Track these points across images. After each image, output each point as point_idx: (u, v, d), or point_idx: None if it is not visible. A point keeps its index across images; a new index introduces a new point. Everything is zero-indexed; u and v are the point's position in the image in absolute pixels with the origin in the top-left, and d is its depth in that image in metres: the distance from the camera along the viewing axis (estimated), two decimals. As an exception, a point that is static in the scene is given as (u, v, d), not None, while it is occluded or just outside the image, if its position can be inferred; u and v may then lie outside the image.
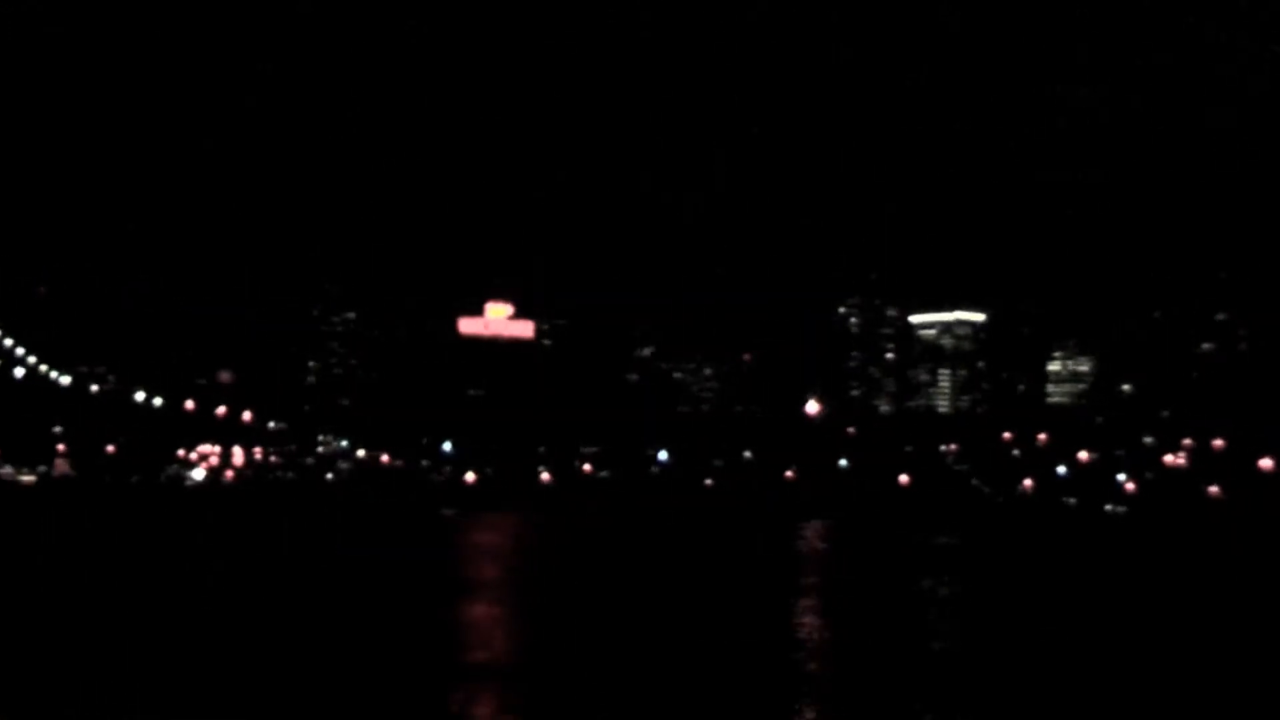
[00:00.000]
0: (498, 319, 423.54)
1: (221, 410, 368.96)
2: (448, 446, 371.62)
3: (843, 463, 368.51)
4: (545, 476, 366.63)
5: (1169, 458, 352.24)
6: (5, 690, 52.90)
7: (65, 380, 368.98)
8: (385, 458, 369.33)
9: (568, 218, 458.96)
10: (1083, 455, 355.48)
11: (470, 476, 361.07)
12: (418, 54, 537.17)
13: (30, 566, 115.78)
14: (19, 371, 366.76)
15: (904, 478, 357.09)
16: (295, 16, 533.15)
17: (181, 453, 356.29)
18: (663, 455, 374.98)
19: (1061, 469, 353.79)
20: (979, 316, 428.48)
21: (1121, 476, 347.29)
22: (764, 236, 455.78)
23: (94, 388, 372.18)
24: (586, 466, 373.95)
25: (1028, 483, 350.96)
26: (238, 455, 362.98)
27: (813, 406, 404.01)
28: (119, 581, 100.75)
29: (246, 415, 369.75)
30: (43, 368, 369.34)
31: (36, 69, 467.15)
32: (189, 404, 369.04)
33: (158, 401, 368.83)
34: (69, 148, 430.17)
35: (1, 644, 65.91)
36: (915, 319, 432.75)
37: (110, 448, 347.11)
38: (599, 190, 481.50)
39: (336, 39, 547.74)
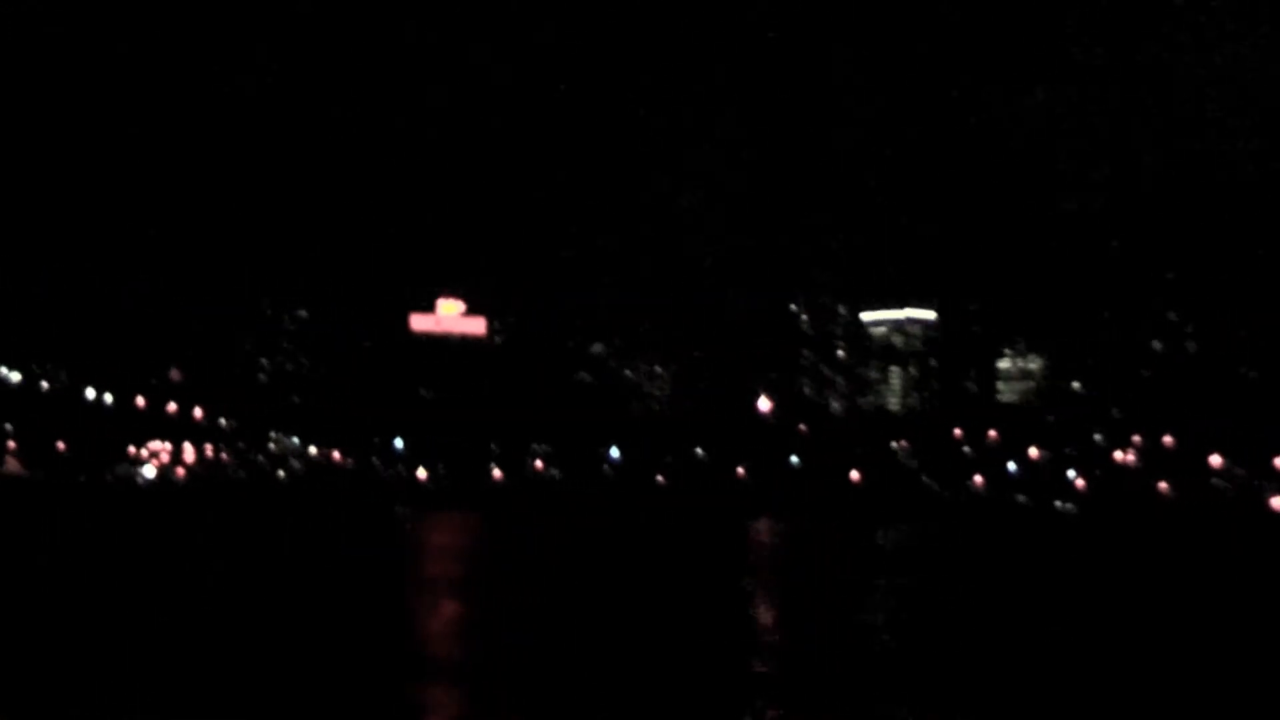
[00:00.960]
0: (449, 316, 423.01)
1: (172, 407, 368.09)
2: (399, 444, 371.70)
3: (794, 460, 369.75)
4: (497, 474, 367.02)
5: (1119, 455, 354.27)
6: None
7: (15, 377, 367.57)
8: (337, 455, 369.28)
9: (520, 215, 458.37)
10: (1033, 453, 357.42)
11: (422, 474, 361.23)
12: (367, 49, 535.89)
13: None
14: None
15: (855, 475, 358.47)
16: (244, 9, 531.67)
17: (132, 450, 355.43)
18: (614, 453, 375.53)
19: (1012, 466, 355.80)
20: (930, 315, 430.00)
21: (1072, 474, 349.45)
22: (716, 234, 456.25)
23: (44, 385, 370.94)
24: (538, 464, 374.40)
25: (978, 480, 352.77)
26: (189, 453, 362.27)
27: (764, 405, 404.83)
28: (80, 581, 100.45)
29: (197, 412, 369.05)
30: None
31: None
32: (140, 401, 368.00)
33: (109, 398, 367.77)
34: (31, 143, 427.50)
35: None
36: (866, 317, 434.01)
37: (61, 445, 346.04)
38: (552, 187, 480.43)
39: (286, 35, 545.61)
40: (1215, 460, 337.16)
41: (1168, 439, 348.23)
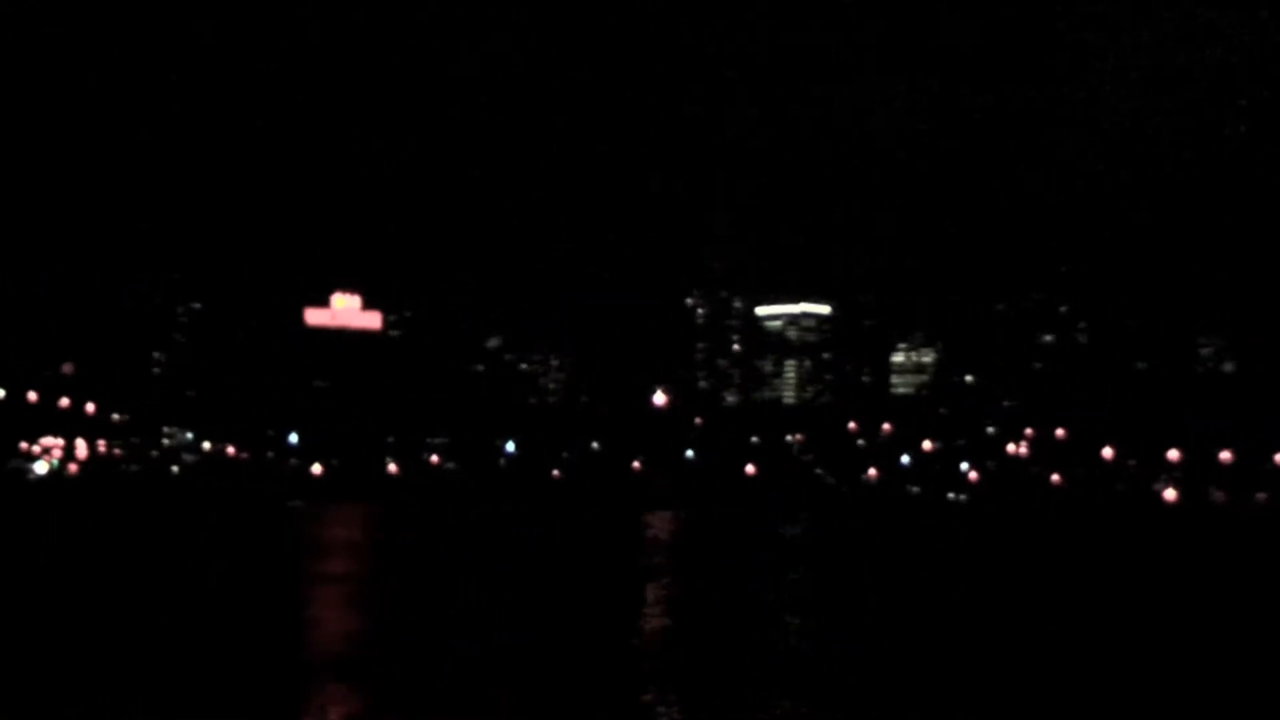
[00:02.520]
0: (345, 309, 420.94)
1: (65, 402, 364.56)
2: (294, 438, 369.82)
3: (689, 453, 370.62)
4: (392, 468, 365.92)
5: (1011, 447, 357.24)
6: None
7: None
8: (231, 450, 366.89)
9: (416, 208, 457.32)
10: (926, 445, 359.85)
11: (317, 468, 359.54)
12: (267, 39, 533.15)
13: None
14: None
15: (750, 468, 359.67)
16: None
17: (24, 446, 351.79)
18: (510, 447, 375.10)
19: (905, 458, 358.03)
20: (824, 308, 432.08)
21: (964, 465, 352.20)
22: (610, 228, 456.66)
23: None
24: (434, 458, 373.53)
25: (872, 472, 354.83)
26: (81, 448, 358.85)
27: (659, 398, 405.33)
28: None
29: (90, 407, 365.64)
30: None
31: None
32: (32, 396, 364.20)
33: (0, 393, 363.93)
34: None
35: None
36: (761, 311, 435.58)
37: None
38: (448, 181, 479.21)
39: (187, 31, 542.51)
40: (1107, 452, 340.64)
41: (1060, 431, 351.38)
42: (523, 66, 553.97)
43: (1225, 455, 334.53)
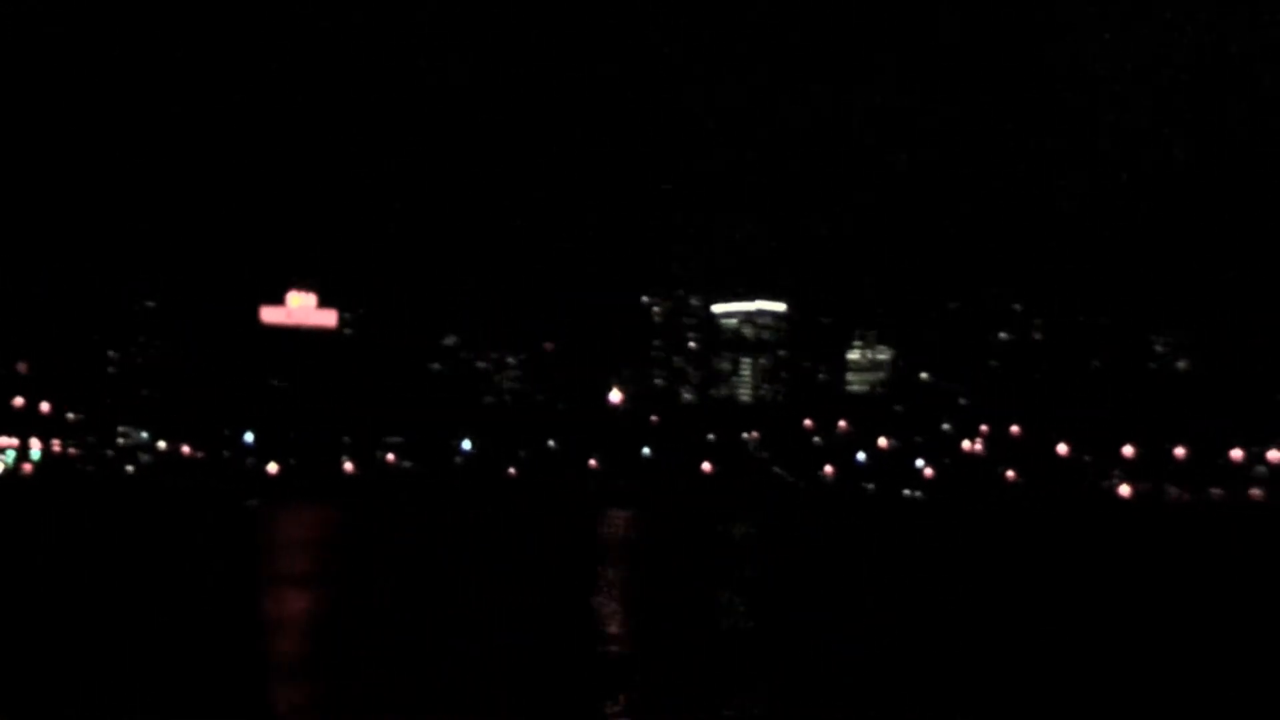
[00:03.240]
0: (300, 307, 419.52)
1: (19, 401, 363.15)
2: (250, 437, 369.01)
3: (646, 451, 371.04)
4: (349, 466, 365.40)
5: (966, 444, 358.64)
6: None
7: None
8: (186, 449, 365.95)
9: (372, 206, 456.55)
10: (882, 442, 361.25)
11: (273, 467, 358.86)
12: (220, 37, 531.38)
13: None
14: None
15: (707, 466, 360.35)
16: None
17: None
18: (466, 445, 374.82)
19: (861, 456, 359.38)
20: (780, 306, 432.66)
21: (920, 463, 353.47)
22: (568, 227, 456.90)
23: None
24: (390, 456, 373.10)
25: (828, 469, 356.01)
26: (36, 447, 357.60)
27: (616, 396, 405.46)
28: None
29: (44, 406, 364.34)
30: None
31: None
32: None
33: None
34: None
35: None
36: (717, 309, 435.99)
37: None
38: (404, 179, 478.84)
39: (139, 29, 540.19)
40: (1062, 449, 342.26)
41: (1015, 428, 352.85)
42: (476, 65, 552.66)
43: (1179, 451, 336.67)
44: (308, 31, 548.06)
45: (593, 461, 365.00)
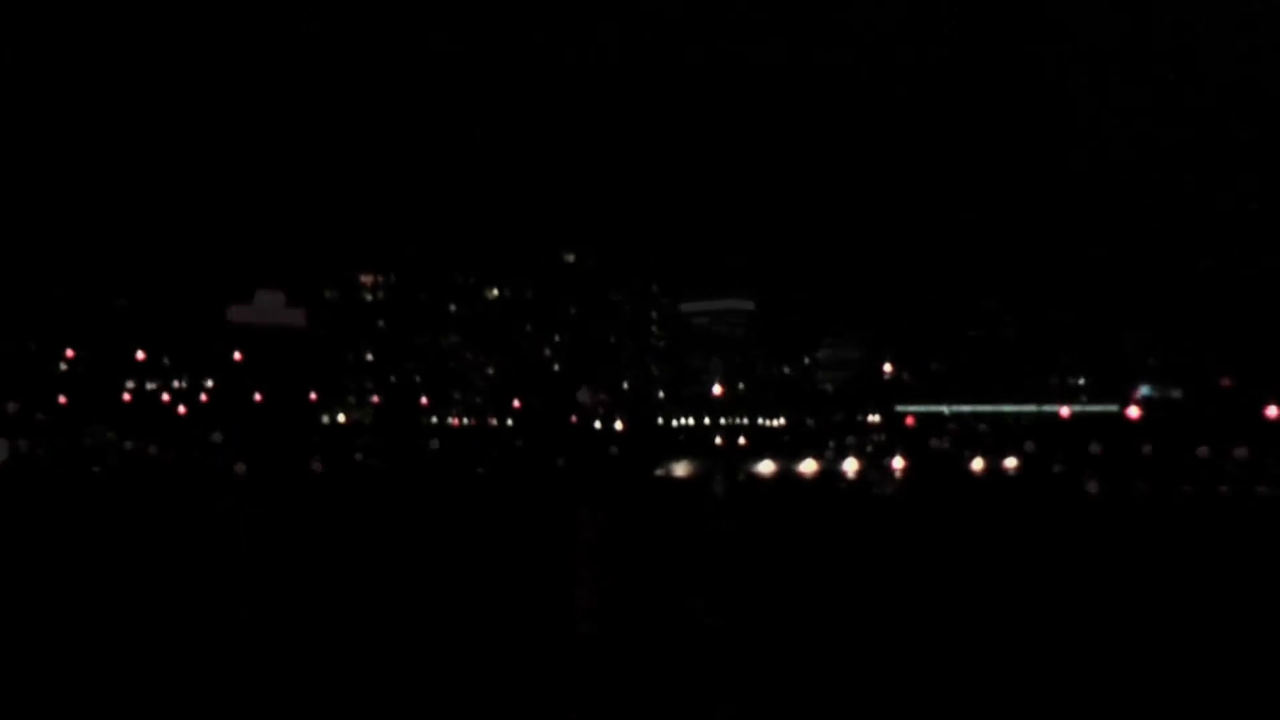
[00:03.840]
0: (269, 306, 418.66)
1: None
2: (218, 437, 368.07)
3: (614, 450, 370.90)
4: (317, 466, 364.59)
5: (935, 441, 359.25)
6: None
7: None
8: (154, 449, 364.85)
9: (340, 204, 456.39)
10: (851, 439, 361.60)
11: (241, 467, 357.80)
12: (183, 33, 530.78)
13: None
14: None
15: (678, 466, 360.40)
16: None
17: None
18: (434, 444, 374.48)
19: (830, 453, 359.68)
20: (749, 304, 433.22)
21: (892, 461, 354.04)
22: (537, 223, 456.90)
23: None
24: (358, 455, 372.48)
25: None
26: (2, 448, 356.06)
27: (584, 394, 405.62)
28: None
29: (10, 406, 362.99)
30: None
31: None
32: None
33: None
34: None
35: None
36: (686, 307, 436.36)
37: None
38: (374, 177, 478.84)
39: (109, 27, 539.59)
40: (1029, 445, 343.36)
41: (983, 425, 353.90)
42: (443, 60, 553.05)
43: (1146, 448, 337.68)
44: (276, 30, 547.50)
45: (560, 460, 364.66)
